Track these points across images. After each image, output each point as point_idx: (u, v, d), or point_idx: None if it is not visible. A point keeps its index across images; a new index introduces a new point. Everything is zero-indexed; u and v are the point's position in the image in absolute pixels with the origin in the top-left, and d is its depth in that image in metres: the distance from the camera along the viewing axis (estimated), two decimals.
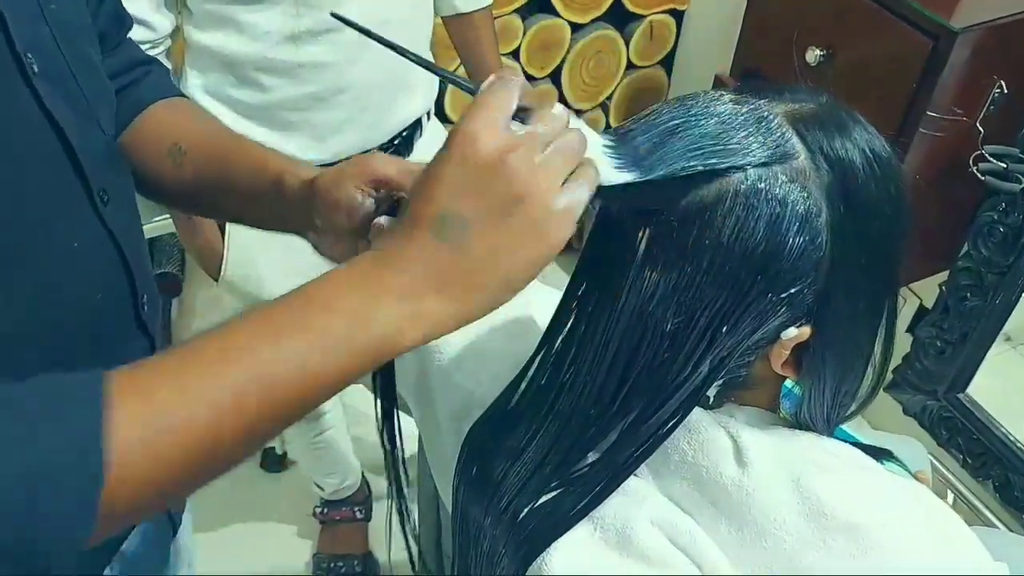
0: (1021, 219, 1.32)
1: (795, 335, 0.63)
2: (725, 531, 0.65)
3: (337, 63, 1.23)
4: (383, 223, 0.62)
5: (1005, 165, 1.29)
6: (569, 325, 0.67)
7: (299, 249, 1.34)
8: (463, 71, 1.54)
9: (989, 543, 0.68)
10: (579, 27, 2.09)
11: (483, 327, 0.81)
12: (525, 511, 0.67)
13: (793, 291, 0.61)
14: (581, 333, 0.65)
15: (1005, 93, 1.27)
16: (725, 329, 0.61)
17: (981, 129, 1.28)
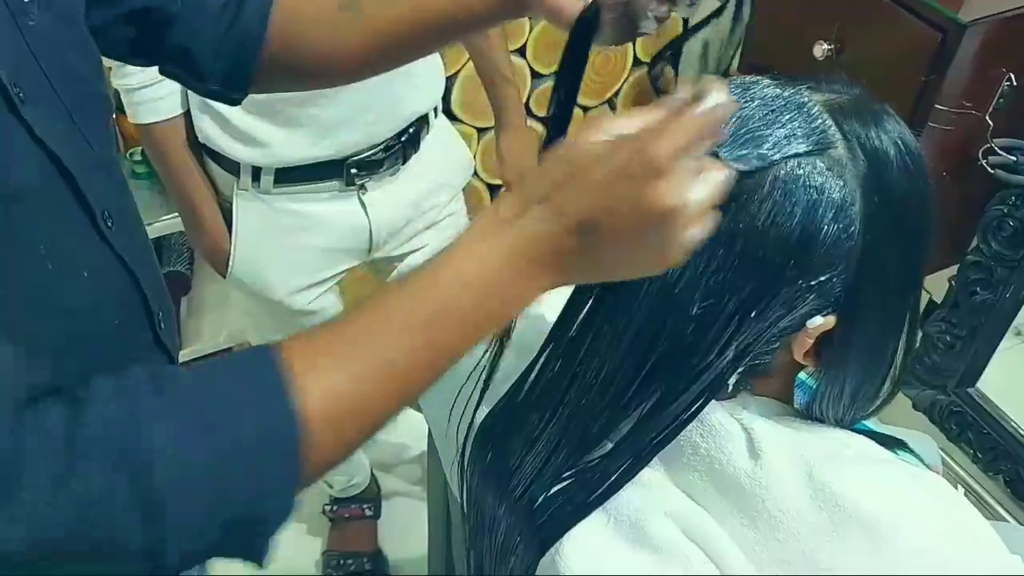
0: None
1: (821, 323, 0.63)
2: (738, 523, 0.65)
3: None
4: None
5: (1015, 158, 1.28)
6: (588, 307, 0.66)
7: (304, 247, 1.36)
8: (471, 67, 1.54)
9: (1001, 537, 0.67)
10: None
11: None
12: (541, 498, 0.67)
13: (823, 279, 0.61)
14: (601, 315, 0.65)
15: (1014, 86, 1.27)
16: (754, 315, 0.61)
17: (990, 122, 1.28)
